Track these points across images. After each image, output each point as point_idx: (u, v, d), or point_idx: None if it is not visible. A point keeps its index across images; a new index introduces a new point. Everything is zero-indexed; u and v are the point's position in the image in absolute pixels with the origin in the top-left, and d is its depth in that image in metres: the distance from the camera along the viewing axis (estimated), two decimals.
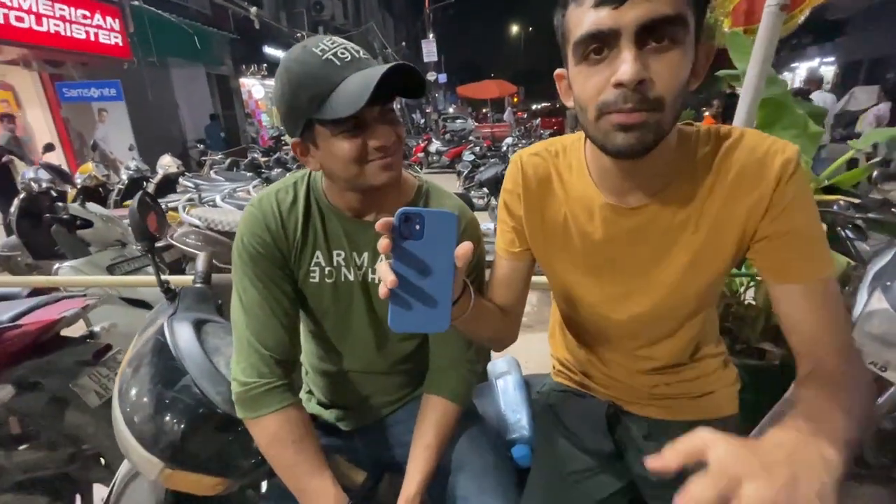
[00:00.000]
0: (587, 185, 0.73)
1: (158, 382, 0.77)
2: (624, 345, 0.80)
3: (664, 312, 0.75)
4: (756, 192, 0.63)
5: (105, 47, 7.57)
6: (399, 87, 0.72)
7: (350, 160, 0.72)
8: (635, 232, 0.71)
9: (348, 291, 0.84)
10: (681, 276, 0.71)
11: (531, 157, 0.77)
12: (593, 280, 0.77)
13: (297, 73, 0.69)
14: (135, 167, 5.10)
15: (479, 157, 7.37)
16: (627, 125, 0.56)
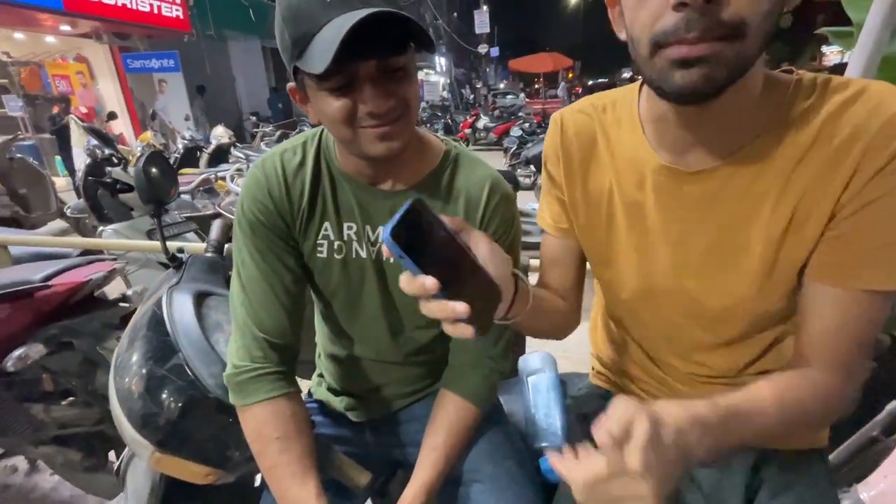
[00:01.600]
0: (639, 143, 0.59)
1: (150, 359, 0.71)
2: (680, 346, 0.66)
3: (733, 309, 0.59)
4: (864, 163, 0.47)
5: (167, 20, 7.86)
6: (408, 36, 0.57)
7: (338, 122, 0.59)
8: (698, 203, 0.56)
9: (360, 269, 0.73)
10: (754, 270, 0.55)
11: (574, 113, 0.65)
12: (643, 264, 0.62)
13: (284, 5, 0.56)
14: (189, 137, 5.28)
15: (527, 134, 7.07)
16: (690, 59, 0.43)
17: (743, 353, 0.63)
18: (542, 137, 5.26)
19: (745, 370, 0.64)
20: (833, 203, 0.49)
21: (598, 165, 0.63)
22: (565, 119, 0.66)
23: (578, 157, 0.64)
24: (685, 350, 0.66)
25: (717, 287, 0.58)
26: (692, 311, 0.61)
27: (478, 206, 0.70)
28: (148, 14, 7.44)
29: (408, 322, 0.77)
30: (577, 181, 0.65)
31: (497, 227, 0.71)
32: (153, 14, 7.55)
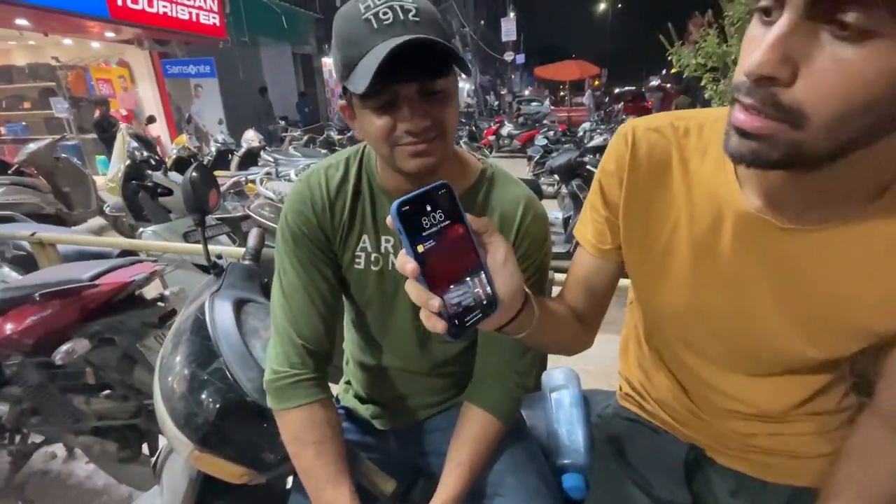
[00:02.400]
0: (725, 181, 0.54)
1: (193, 362, 0.75)
2: (721, 379, 0.64)
3: (787, 359, 0.58)
4: None
5: (205, 27, 8.16)
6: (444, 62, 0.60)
7: (378, 138, 0.62)
8: (782, 260, 0.52)
9: (394, 282, 0.76)
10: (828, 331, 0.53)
11: (649, 131, 0.59)
12: (702, 304, 0.60)
13: (338, 31, 0.61)
14: (222, 140, 5.47)
15: (551, 142, 7.02)
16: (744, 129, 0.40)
17: (793, 391, 0.61)
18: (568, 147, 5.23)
19: (794, 409, 0.62)
20: None
21: (669, 193, 0.58)
22: (637, 136, 0.59)
23: (646, 181, 0.59)
24: (727, 386, 0.63)
25: (778, 337, 0.56)
26: (744, 352, 0.60)
27: (512, 225, 0.72)
28: (187, 21, 7.75)
29: (436, 335, 0.79)
30: (639, 205, 0.60)
31: (529, 246, 0.72)
32: (192, 21, 7.86)
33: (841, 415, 0.64)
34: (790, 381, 0.61)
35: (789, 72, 0.36)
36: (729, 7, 1.85)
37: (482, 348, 0.78)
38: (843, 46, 0.34)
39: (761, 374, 0.61)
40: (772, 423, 0.64)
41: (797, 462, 0.64)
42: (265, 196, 3.31)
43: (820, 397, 0.62)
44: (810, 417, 0.63)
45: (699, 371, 0.65)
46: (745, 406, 0.64)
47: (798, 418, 0.63)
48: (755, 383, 0.62)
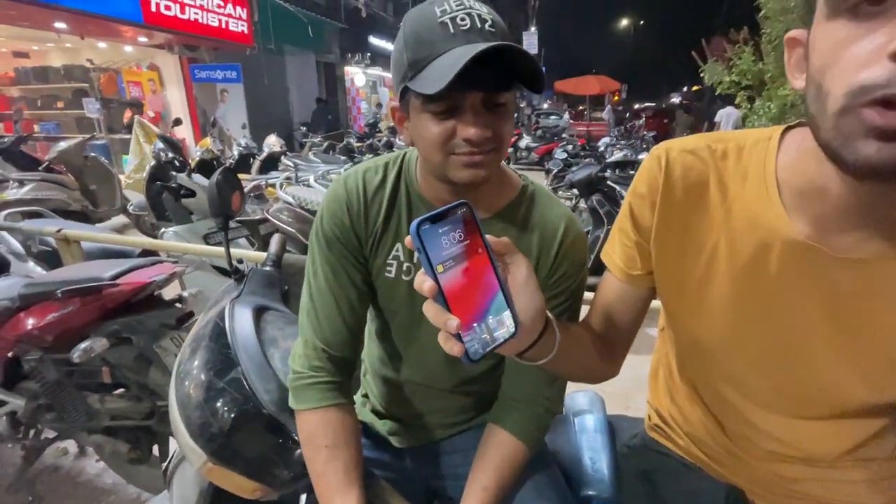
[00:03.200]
0: (769, 206, 0.51)
1: (211, 369, 0.73)
2: (764, 419, 0.59)
3: (837, 400, 0.54)
4: None
5: (233, 34, 8.37)
6: (514, 75, 0.58)
7: (434, 144, 0.60)
8: (834, 291, 0.49)
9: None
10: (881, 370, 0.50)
11: (683, 153, 0.56)
12: (743, 335, 0.56)
13: (408, 29, 0.60)
14: (244, 144, 5.56)
15: (571, 156, 6.98)
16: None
17: (843, 436, 0.56)
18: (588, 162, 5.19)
19: (842, 456, 0.57)
20: None
21: (707, 218, 0.55)
22: (672, 157, 0.56)
23: (682, 205, 0.56)
24: (769, 425, 0.59)
25: (827, 375, 0.52)
26: (788, 390, 0.56)
27: (552, 244, 0.69)
28: (216, 28, 7.96)
29: None
30: (673, 230, 0.57)
31: (568, 267, 0.70)
32: (221, 29, 8.07)
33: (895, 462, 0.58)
34: (841, 424, 0.56)
35: None
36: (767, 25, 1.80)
37: (510, 370, 0.75)
38: None
39: (809, 415, 0.57)
40: (819, 469, 0.59)
41: None
42: (284, 200, 3.34)
43: (873, 443, 0.57)
44: (862, 464, 0.58)
45: (739, 408, 0.61)
46: (790, 449, 0.59)
47: (848, 465, 0.58)
48: (802, 424, 0.58)
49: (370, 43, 14.99)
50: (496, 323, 0.43)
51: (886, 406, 0.53)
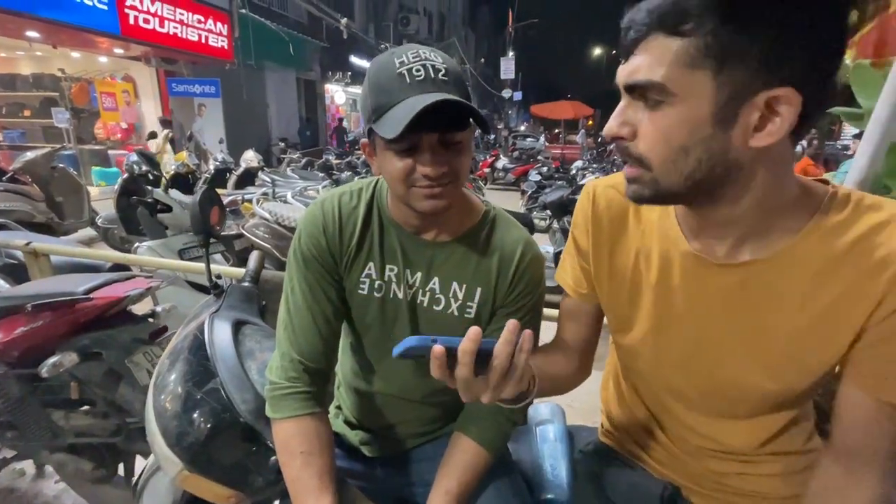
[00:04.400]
0: (670, 226, 0.63)
1: (190, 380, 0.76)
2: (692, 419, 0.68)
3: (744, 398, 0.62)
4: (889, 290, 0.50)
5: (213, 49, 8.37)
6: (463, 118, 0.67)
7: (397, 178, 0.68)
8: (723, 292, 0.59)
9: (395, 309, 0.80)
10: (772, 363, 0.58)
11: (606, 188, 0.69)
12: (663, 339, 0.65)
13: (372, 78, 0.68)
14: (221, 159, 5.53)
15: (545, 178, 7.20)
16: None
17: (758, 431, 0.65)
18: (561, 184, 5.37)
19: (761, 448, 0.66)
20: (862, 320, 0.52)
21: (627, 240, 0.67)
22: (598, 193, 0.69)
23: (608, 231, 0.68)
24: (697, 424, 0.67)
25: (734, 370, 0.61)
26: (707, 388, 0.64)
27: (510, 264, 0.76)
28: (196, 43, 7.95)
29: None
30: (604, 253, 0.68)
31: (525, 285, 0.77)
32: (201, 43, 8.07)
33: (807, 456, 0.67)
34: (756, 419, 0.64)
35: (630, 132, 0.52)
36: None
37: None
38: (650, 112, 0.51)
39: (729, 412, 0.65)
40: (741, 463, 0.67)
41: (768, 503, 0.67)
42: (260, 216, 3.34)
43: (785, 436, 0.65)
44: (777, 458, 0.66)
45: (674, 410, 0.69)
46: (716, 444, 0.67)
47: (765, 459, 0.66)
48: (725, 422, 0.66)
49: (351, 62, 15.20)
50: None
51: (794, 398, 0.61)
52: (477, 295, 0.77)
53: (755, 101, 0.46)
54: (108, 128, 7.87)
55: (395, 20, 18.80)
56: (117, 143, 7.97)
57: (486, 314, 0.78)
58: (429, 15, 22.24)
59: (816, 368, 0.56)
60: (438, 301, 0.78)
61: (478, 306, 0.78)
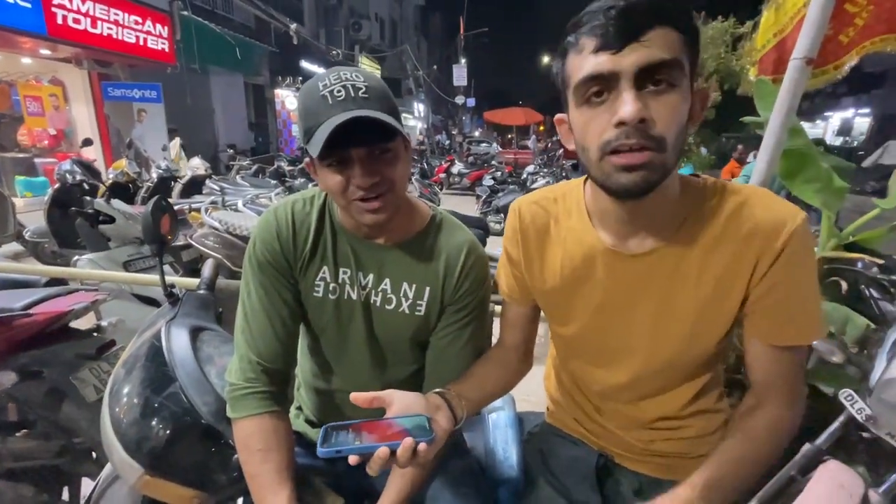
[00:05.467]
0: (587, 230, 0.73)
1: (148, 387, 0.77)
2: (619, 396, 0.78)
3: (665, 370, 0.73)
4: (763, 257, 0.62)
5: (152, 52, 7.95)
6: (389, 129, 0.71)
7: (335, 192, 0.74)
8: (638, 280, 0.69)
9: (350, 309, 0.85)
10: (684, 333, 0.69)
11: (529, 205, 0.79)
12: (591, 330, 0.75)
13: (301, 103, 0.73)
14: (165, 167, 5.28)
15: (498, 183, 7.41)
16: (631, 165, 0.57)
17: (677, 399, 0.75)
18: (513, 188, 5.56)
19: (681, 412, 0.76)
20: (745, 284, 0.65)
21: (552, 246, 0.77)
22: (523, 209, 0.79)
23: (535, 241, 0.78)
24: (630, 399, 0.77)
25: (656, 348, 0.71)
26: (636, 368, 0.74)
27: (456, 265, 0.83)
28: (133, 45, 7.53)
29: (390, 357, 0.87)
30: (535, 260, 0.78)
31: (471, 284, 0.84)
32: (138, 45, 7.65)
33: (718, 415, 0.78)
34: (677, 389, 0.75)
35: (648, 115, 0.55)
36: None
37: (430, 375, 0.87)
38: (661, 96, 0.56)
39: (654, 388, 0.75)
40: (665, 430, 0.77)
41: (686, 461, 0.77)
42: (210, 225, 3.23)
43: (701, 399, 0.77)
44: (695, 420, 0.77)
45: (606, 390, 0.79)
46: (644, 416, 0.77)
47: (685, 423, 0.77)
48: (650, 398, 0.76)
49: (302, 67, 14.91)
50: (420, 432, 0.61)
51: (706, 364, 0.73)
52: (426, 294, 0.84)
53: (697, 93, 0.59)
54: (33, 134, 7.28)
55: (347, 26, 18.64)
56: (45, 151, 7.39)
57: (434, 312, 0.85)
58: (380, 21, 22.22)
59: (720, 332, 0.68)
60: (390, 301, 0.84)
61: (427, 304, 0.84)
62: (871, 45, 1.37)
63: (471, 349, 0.86)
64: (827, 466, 1.20)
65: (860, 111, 17.21)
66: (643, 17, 0.54)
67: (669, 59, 0.54)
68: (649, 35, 0.53)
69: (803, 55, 1.23)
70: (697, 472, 0.65)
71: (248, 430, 0.75)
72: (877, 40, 1.36)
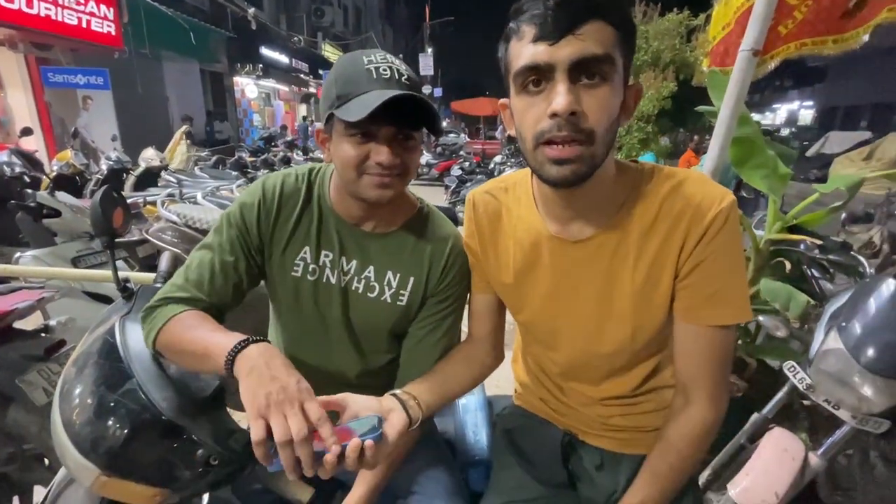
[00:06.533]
0: (534, 217, 0.75)
1: (102, 384, 0.73)
2: (577, 376, 0.81)
3: (615, 352, 0.75)
4: (690, 235, 0.65)
5: (96, 35, 7.45)
6: (422, 119, 0.74)
7: (350, 164, 0.73)
8: (581, 264, 0.72)
9: (328, 294, 0.84)
10: (626, 316, 0.72)
11: (482, 195, 0.81)
12: (542, 316, 0.78)
13: (340, 70, 0.73)
14: (116, 158, 4.99)
15: (466, 173, 7.43)
16: (561, 159, 0.59)
17: (632, 378, 0.79)
18: (480, 178, 5.59)
19: (637, 390, 0.80)
20: (675, 263, 0.67)
21: (504, 234, 0.79)
22: (476, 200, 0.82)
23: (489, 230, 0.81)
24: (588, 379, 0.81)
25: (604, 329, 0.74)
26: (588, 350, 0.77)
27: (442, 256, 0.85)
28: (75, 27, 7.02)
29: (365, 345, 0.87)
30: (489, 248, 0.81)
31: (454, 275, 0.85)
32: (81, 28, 7.14)
33: (672, 391, 0.82)
34: (632, 370, 0.79)
35: (580, 108, 0.57)
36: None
37: (404, 364, 0.88)
38: (592, 90, 0.58)
39: (610, 366, 0.78)
40: (623, 406, 0.81)
41: (643, 435, 0.82)
42: (167, 219, 3.08)
43: (655, 376, 0.80)
44: (650, 396, 0.81)
45: (567, 371, 0.82)
46: (602, 393, 0.80)
47: (641, 399, 0.81)
48: (606, 375, 0.79)
49: (262, 54, 14.35)
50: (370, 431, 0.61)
51: (654, 343, 0.76)
52: (410, 284, 0.84)
53: (630, 88, 0.62)
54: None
55: (309, 11, 18.06)
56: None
57: (416, 302, 0.85)
58: (344, 7, 21.64)
59: (660, 313, 0.71)
60: (373, 288, 0.84)
61: (410, 294, 0.84)
62: (812, 44, 1.45)
63: (446, 341, 0.87)
64: (772, 433, 1.31)
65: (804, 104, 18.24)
66: (579, 11, 0.55)
67: (602, 54, 0.56)
68: (584, 28, 0.55)
69: (750, 47, 1.29)
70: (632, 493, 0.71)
71: (176, 327, 0.71)
72: (817, 40, 1.44)
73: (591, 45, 0.56)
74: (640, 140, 6.68)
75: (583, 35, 0.55)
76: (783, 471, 1.17)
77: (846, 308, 1.20)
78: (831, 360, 1.16)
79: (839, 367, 1.14)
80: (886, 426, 1.13)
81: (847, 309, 1.19)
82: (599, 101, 0.58)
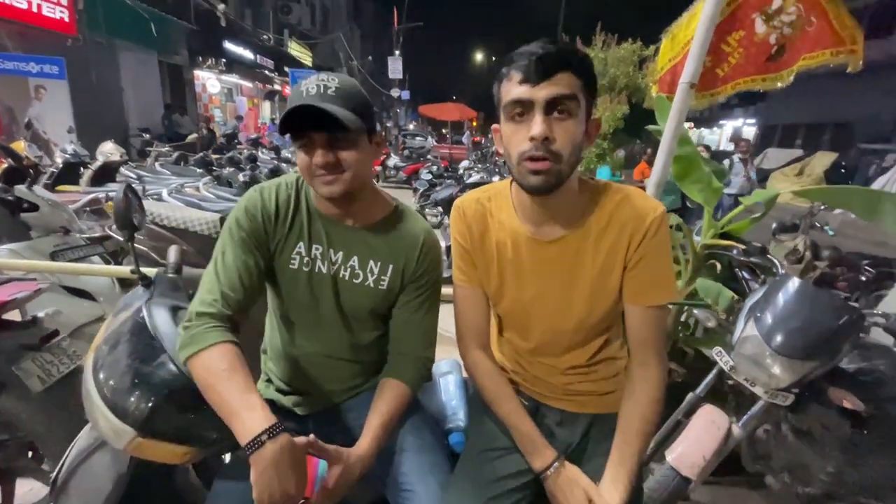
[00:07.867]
0: (514, 220, 0.93)
1: (137, 358, 0.83)
2: (543, 351, 0.99)
3: (576, 329, 0.94)
4: (634, 236, 0.86)
5: (48, 20, 7.11)
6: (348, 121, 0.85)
7: (303, 169, 0.89)
8: (552, 261, 0.91)
9: (321, 281, 0.98)
10: (585, 300, 0.91)
11: (471, 203, 0.98)
12: (518, 304, 0.95)
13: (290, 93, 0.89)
14: (72, 151, 4.80)
15: (435, 177, 7.59)
16: (537, 170, 0.79)
17: (588, 350, 0.98)
18: (450, 182, 5.77)
19: (591, 360, 0.98)
20: (624, 258, 0.88)
21: (489, 236, 0.96)
22: (465, 206, 0.98)
23: (477, 232, 0.96)
24: (553, 353, 0.98)
25: (567, 312, 0.93)
26: (554, 328, 0.95)
27: (415, 250, 1.00)
28: (25, 11, 6.68)
29: (354, 325, 1.02)
30: (478, 248, 0.97)
31: (427, 266, 1.01)
32: (31, 12, 6.79)
33: (619, 361, 1.02)
34: (588, 343, 0.97)
35: (552, 135, 0.76)
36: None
37: (399, 334, 1.02)
38: (562, 122, 0.77)
39: (570, 342, 0.96)
40: (579, 374, 0.99)
41: (596, 398, 1.00)
42: None
43: (606, 348, 0.99)
44: (602, 365, 1.00)
45: (536, 349, 0.99)
46: (564, 363, 0.98)
47: (594, 368, 0.99)
48: (567, 350, 0.97)
49: (226, 48, 13.97)
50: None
51: (606, 321, 0.95)
52: (389, 271, 0.99)
53: (591, 121, 0.82)
54: None
55: (275, 8, 17.73)
56: None
57: (396, 286, 1.01)
58: (311, 5, 21.38)
59: (611, 298, 0.91)
60: (357, 276, 0.99)
61: (390, 279, 1.00)
62: (744, 83, 1.73)
63: (429, 319, 1.03)
64: (703, 409, 1.54)
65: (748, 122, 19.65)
66: (555, 63, 0.75)
67: (569, 94, 0.76)
68: (557, 76, 0.75)
69: (688, 80, 1.52)
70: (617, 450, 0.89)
71: (211, 357, 0.78)
72: (748, 80, 1.72)
73: (562, 88, 0.75)
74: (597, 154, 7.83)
75: (556, 81, 0.75)
76: (711, 439, 1.40)
77: (761, 302, 1.44)
78: (748, 345, 1.39)
79: (755, 350, 1.37)
80: (791, 399, 1.37)
81: (761, 302, 1.43)
82: (566, 130, 0.77)
